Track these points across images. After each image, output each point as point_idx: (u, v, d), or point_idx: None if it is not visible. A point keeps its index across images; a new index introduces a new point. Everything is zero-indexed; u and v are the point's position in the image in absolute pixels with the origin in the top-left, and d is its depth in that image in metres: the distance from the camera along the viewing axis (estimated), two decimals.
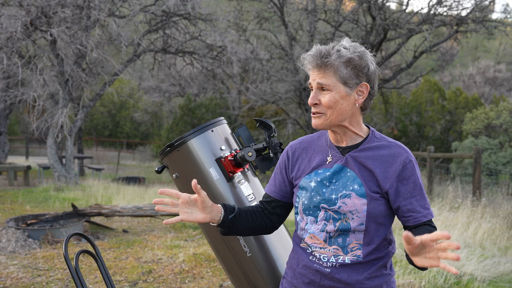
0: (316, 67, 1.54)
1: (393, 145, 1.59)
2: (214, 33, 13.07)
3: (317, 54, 1.53)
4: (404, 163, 1.55)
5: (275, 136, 2.08)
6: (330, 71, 1.52)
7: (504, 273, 4.71)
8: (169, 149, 2.03)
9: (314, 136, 1.74)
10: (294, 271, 1.66)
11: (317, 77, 1.54)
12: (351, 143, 1.62)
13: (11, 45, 10.45)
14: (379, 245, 1.58)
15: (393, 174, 1.54)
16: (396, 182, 1.54)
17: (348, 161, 1.59)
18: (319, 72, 1.54)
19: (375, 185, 1.55)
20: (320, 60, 1.52)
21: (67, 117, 11.23)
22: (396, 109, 21.41)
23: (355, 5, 14.78)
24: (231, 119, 19.73)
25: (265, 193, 1.80)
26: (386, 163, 1.56)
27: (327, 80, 1.52)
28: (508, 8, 46.91)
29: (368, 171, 1.56)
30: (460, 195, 8.56)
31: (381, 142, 1.60)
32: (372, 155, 1.58)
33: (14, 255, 5.25)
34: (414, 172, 1.56)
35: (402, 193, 1.54)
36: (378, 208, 1.54)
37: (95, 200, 8.94)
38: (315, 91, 1.56)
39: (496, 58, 36.15)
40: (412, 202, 1.54)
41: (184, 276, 4.59)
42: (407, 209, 1.54)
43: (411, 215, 1.54)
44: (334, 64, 1.51)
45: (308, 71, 1.58)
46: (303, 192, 1.63)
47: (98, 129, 29.33)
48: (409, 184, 1.55)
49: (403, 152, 1.57)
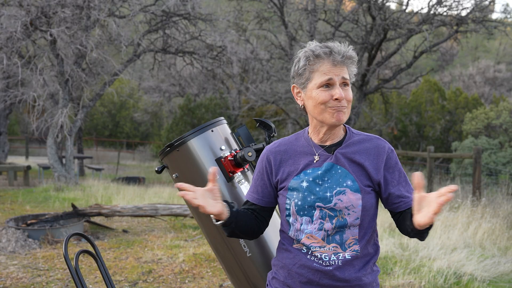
0: (337, 63, 1.58)
1: (373, 138, 1.68)
2: (214, 33, 13.06)
3: (342, 49, 1.59)
4: (388, 153, 1.64)
5: (275, 136, 2.08)
6: (349, 68, 1.61)
7: (504, 273, 4.71)
8: (169, 149, 2.03)
9: (291, 138, 1.75)
10: (290, 271, 1.65)
11: (341, 73, 1.59)
12: (336, 140, 1.67)
13: (11, 45, 10.45)
14: (370, 237, 1.65)
15: (381, 164, 1.62)
16: (384, 171, 1.62)
17: (338, 158, 1.63)
18: (341, 67, 1.59)
19: (366, 178, 1.61)
20: (343, 56, 1.59)
21: (67, 117, 11.22)
22: (396, 109, 21.41)
23: (355, 5, 14.78)
24: (231, 119, 19.74)
25: (247, 201, 1.77)
26: (374, 155, 1.63)
27: (347, 76, 1.61)
28: (508, 8, 46.92)
29: (359, 165, 1.62)
30: (460, 195, 8.56)
31: (360, 136, 1.68)
32: (358, 149, 1.64)
33: (14, 255, 5.25)
34: (397, 160, 1.66)
35: (390, 181, 1.63)
36: (370, 201, 1.61)
37: (95, 200, 8.94)
38: (339, 86, 1.59)
39: (496, 58, 36.14)
40: (400, 188, 1.64)
41: (184, 276, 4.59)
42: (396, 195, 1.63)
43: (401, 201, 1.63)
44: (353, 60, 1.61)
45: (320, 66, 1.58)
46: (294, 193, 1.63)
47: (98, 129, 29.32)
48: (395, 172, 1.64)
49: (384, 143, 1.67)
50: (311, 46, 1.62)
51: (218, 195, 1.59)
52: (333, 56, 1.57)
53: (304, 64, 1.60)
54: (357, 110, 14.49)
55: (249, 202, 1.76)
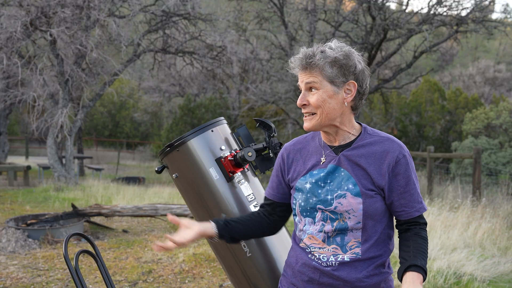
0: (303, 69, 1.58)
1: (385, 140, 1.61)
2: (214, 33, 13.06)
3: (303, 56, 1.57)
4: (397, 159, 1.57)
5: (275, 136, 2.08)
6: (316, 71, 1.55)
7: (504, 273, 4.71)
8: (169, 149, 2.03)
9: (308, 136, 1.75)
10: (293, 269, 1.67)
11: (304, 78, 1.58)
12: (344, 142, 1.63)
13: (11, 45, 10.44)
14: (377, 241, 1.60)
15: (387, 169, 1.56)
16: (390, 177, 1.57)
17: (341, 160, 1.60)
18: (305, 73, 1.58)
19: (369, 183, 1.56)
20: (305, 61, 1.56)
21: (67, 117, 11.22)
22: (396, 109, 21.39)
23: (355, 5, 14.77)
24: (231, 119, 19.73)
25: (264, 196, 1.83)
26: (379, 160, 1.57)
27: (314, 79, 1.55)
28: (508, 8, 46.93)
29: (362, 169, 1.58)
30: (460, 195, 8.56)
31: (373, 138, 1.62)
32: (364, 152, 1.59)
33: (14, 255, 5.25)
34: (407, 167, 1.58)
35: (396, 188, 1.57)
36: (374, 206, 1.56)
37: (95, 200, 8.94)
38: (303, 92, 1.59)
39: (496, 58, 36.14)
40: (405, 197, 1.57)
41: (184, 276, 4.59)
42: (400, 204, 1.58)
43: (403, 210, 1.59)
44: (319, 64, 1.54)
45: (297, 74, 1.62)
46: (299, 194, 1.64)
47: (98, 129, 29.31)
48: (403, 179, 1.57)
49: (396, 147, 1.59)
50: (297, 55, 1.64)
51: (190, 225, 1.67)
52: (299, 61, 1.58)
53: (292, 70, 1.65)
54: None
55: (266, 198, 1.81)
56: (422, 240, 1.59)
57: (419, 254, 1.55)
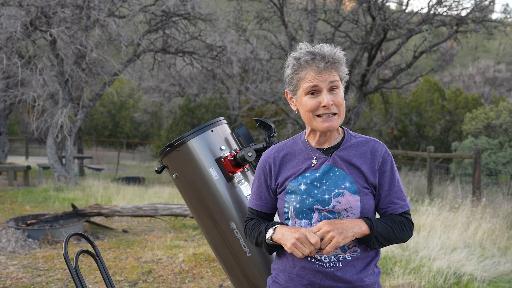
0: (324, 69, 1.55)
1: (370, 141, 1.66)
2: (214, 33, 13.06)
3: (326, 54, 1.55)
4: (383, 157, 1.63)
5: (275, 136, 2.08)
6: (335, 69, 1.57)
7: (504, 273, 4.70)
8: (169, 149, 2.03)
9: (288, 142, 1.74)
10: (290, 273, 1.64)
11: (328, 78, 1.56)
12: (334, 143, 1.66)
13: (11, 45, 10.44)
14: None
15: (377, 167, 1.62)
16: (379, 175, 1.62)
17: (335, 160, 1.62)
18: (327, 72, 1.56)
19: (364, 181, 1.60)
20: (327, 61, 1.55)
21: (67, 117, 11.22)
22: (396, 109, 21.39)
23: (355, 5, 14.78)
24: (231, 119, 19.73)
25: (249, 208, 1.78)
26: (370, 159, 1.62)
27: (336, 77, 1.57)
28: (508, 8, 46.93)
29: (356, 168, 1.61)
30: (460, 195, 8.56)
31: (358, 139, 1.67)
32: (355, 152, 1.63)
33: (14, 255, 5.25)
34: (392, 165, 1.64)
35: (382, 185, 1.62)
36: (369, 203, 1.60)
37: (95, 200, 8.94)
38: (326, 92, 1.56)
39: (496, 58, 36.14)
40: (391, 193, 1.63)
41: (184, 276, 4.59)
42: (386, 201, 1.63)
43: (389, 206, 1.63)
44: (340, 61, 1.57)
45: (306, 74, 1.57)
46: (292, 196, 1.63)
47: (98, 129, 29.30)
48: (388, 176, 1.63)
49: (381, 146, 1.65)
50: (296, 53, 1.60)
51: None
52: (316, 63, 1.55)
53: (290, 73, 1.61)
54: (357, 110, 14.49)
55: (253, 209, 1.76)
56: (396, 217, 1.62)
57: (382, 219, 1.61)
